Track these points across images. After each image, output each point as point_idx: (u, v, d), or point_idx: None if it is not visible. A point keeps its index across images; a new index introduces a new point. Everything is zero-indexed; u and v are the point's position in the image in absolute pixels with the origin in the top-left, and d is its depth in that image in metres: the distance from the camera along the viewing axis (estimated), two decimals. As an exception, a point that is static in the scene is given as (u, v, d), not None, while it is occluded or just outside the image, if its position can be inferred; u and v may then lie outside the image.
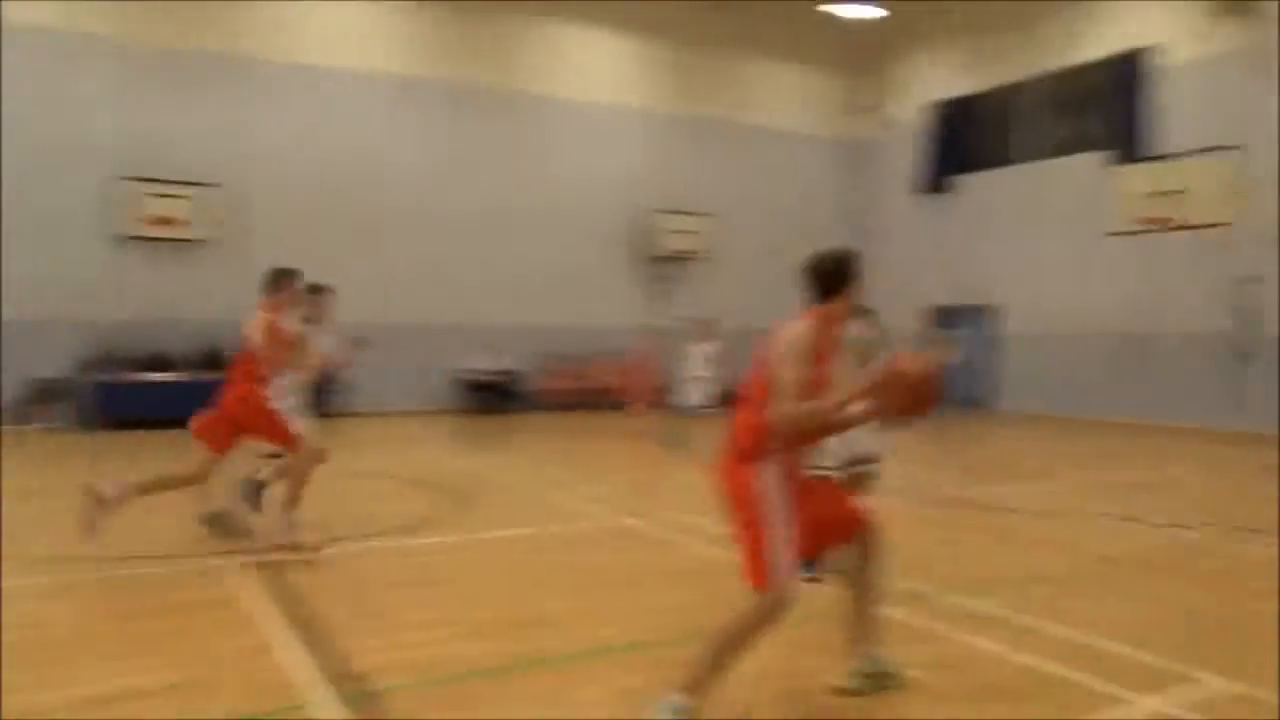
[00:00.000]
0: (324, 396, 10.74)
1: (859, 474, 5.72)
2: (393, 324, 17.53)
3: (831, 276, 3.85)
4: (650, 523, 7.51)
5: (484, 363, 17.68)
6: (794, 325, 3.73)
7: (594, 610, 5.17)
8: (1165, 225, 14.97)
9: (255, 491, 6.94)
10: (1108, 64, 17.56)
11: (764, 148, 21.72)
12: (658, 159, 20.44)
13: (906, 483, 9.40)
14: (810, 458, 4.27)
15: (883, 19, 21.80)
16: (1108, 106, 17.61)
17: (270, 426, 6.35)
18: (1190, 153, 14.85)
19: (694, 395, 12.78)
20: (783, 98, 22.16)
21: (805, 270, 3.89)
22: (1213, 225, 14.68)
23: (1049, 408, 18.16)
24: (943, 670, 4.23)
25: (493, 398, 17.88)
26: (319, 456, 6.61)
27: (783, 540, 3.56)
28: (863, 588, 3.95)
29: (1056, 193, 18.40)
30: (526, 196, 18.85)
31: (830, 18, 21.36)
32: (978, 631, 4.78)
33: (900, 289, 21.59)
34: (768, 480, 3.63)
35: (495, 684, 4.05)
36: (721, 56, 21.31)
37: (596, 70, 19.92)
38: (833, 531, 3.87)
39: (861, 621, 3.98)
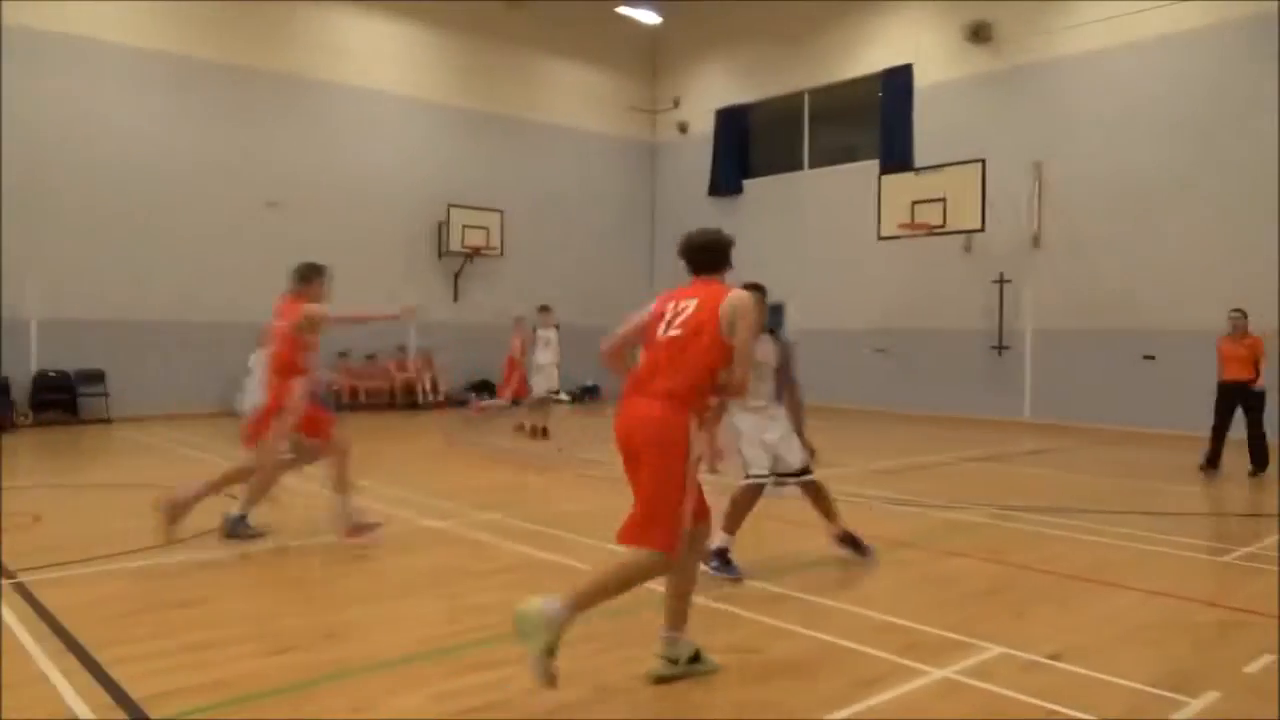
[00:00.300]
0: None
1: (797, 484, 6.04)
2: (167, 321, 16.33)
3: (726, 252, 4.15)
4: (456, 523, 7.37)
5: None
6: (738, 294, 3.95)
7: (402, 616, 5.01)
8: (928, 230, 16.35)
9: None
10: (875, 80, 18.95)
11: (557, 146, 21.81)
12: (450, 153, 20.06)
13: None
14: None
15: (676, 26, 22.50)
16: (877, 119, 19.00)
17: (317, 419, 6.67)
18: (947, 164, 16.29)
19: (543, 383, 13.19)
20: (576, 97, 22.33)
21: (701, 246, 4.15)
22: (968, 231, 16.27)
23: (829, 400, 19.36)
24: (745, 652, 4.42)
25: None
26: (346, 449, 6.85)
27: (689, 502, 3.69)
28: (684, 574, 4.06)
29: (834, 198, 19.65)
30: (313, 189, 17.98)
31: (624, 21, 21.79)
32: (775, 613, 5.03)
33: (692, 287, 22.25)
34: (697, 438, 3.72)
35: (300, 700, 3.84)
36: (515, 53, 21.20)
37: (387, 60, 19.27)
38: (698, 514, 4.01)
39: (678, 608, 4.09)
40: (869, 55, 19.20)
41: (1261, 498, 8.99)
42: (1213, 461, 10.60)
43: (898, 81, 18.55)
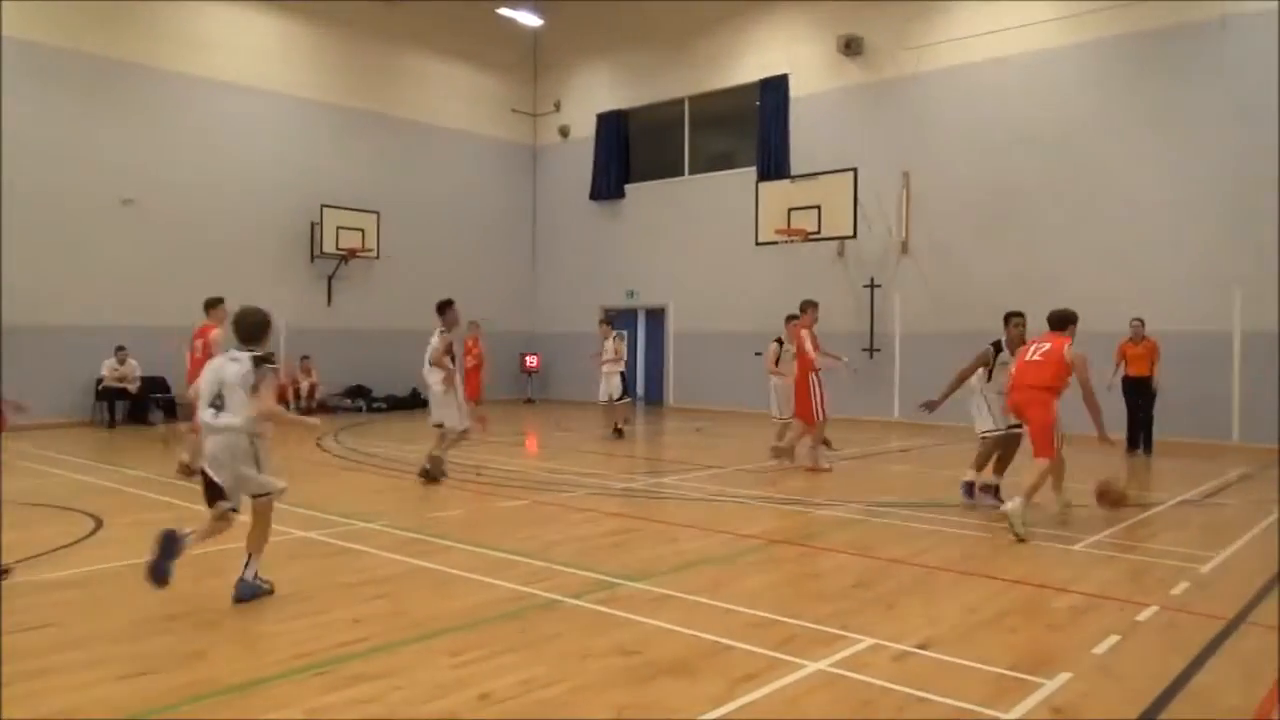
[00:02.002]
0: None
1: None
2: (15, 326, 15.27)
3: (1073, 316, 8.07)
4: (328, 533, 7.13)
5: (119, 369, 15.81)
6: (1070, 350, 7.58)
7: (271, 632, 4.81)
8: (804, 236, 16.80)
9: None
10: (753, 88, 19.38)
11: (437, 147, 21.46)
12: (325, 152, 19.47)
13: (583, 479, 9.73)
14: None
15: (557, 28, 22.47)
16: (755, 127, 19.42)
17: None
18: (822, 173, 16.79)
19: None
20: (456, 98, 22.02)
21: (1059, 317, 8.10)
22: (841, 237, 16.80)
23: (708, 402, 19.68)
24: (627, 654, 4.42)
25: (140, 408, 16.10)
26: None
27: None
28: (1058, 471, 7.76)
29: (714, 204, 19.97)
30: (174, 187, 17.12)
31: (506, 22, 21.62)
32: (655, 614, 5.06)
33: (573, 289, 22.35)
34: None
35: (159, 724, 3.63)
36: (394, 52, 20.76)
37: (256, 54, 18.53)
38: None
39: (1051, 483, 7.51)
40: (747, 65, 19.61)
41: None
42: (1134, 443, 12.74)
43: (775, 91, 19.01)
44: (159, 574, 5.06)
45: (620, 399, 14.65)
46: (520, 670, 4.16)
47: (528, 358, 22.74)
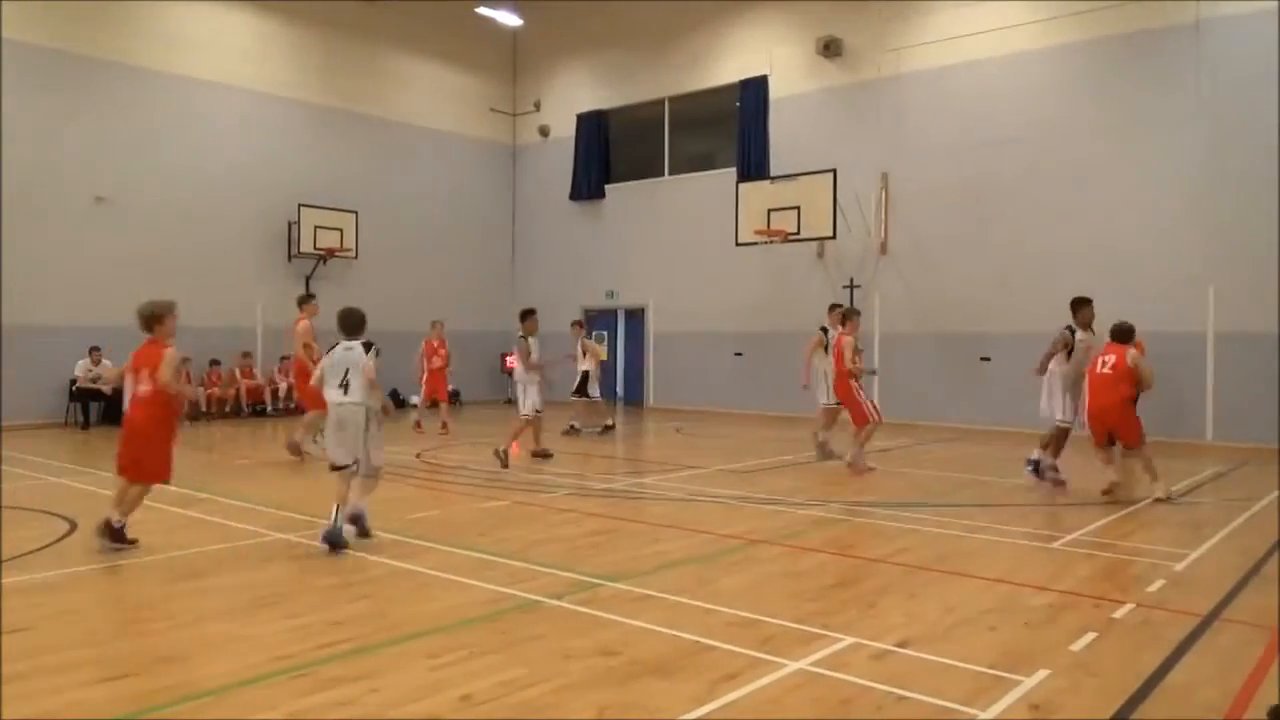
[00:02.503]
0: None
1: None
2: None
3: (1132, 329, 9.16)
4: (307, 535, 7.08)
5: (93, 369, 15.63)
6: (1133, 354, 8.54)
7: (248, 634, 4.76)
8: (784, 237, 16.85)
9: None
10: (733, 89, 19.42)
11: (416, 146, 21.37)
12: (303, 151, 19.35)
13: (563, 479, 9.71)
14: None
15: (537, 29, 22.42)
16: (734, 128, 19.46)
17: None
18: (801, 174, 16.85)
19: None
20: (436, 97, 21.94)
21: (1120, 331, 8.88)
22: (821, 238, 16.87)
23: (688, 402, 19.70)
24: (608, 655, 4.42)
25: (115, 409, 15.90)
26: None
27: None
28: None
29: (694, 205, 19.99)
30: (150, 186, 16.96)
31: (485, 22, 21.55)
32: (636, 614, 5.06)
33: (553, 290, 22.33)
34: None
35: (134, 729, 3.59)
36: (373, 51, 20.66)
37: (234, 52, 18.39)
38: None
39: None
40: (727, 66, 19.65)
41: (1085, 487, 9.67)
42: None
43: (754, 92, 19.06)
44: (335, 539, 6.46)
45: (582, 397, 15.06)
46: (501, 671, 4.14)
47: (508, 358, 22.63)
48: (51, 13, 15.82)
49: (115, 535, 6.51)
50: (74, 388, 15.59)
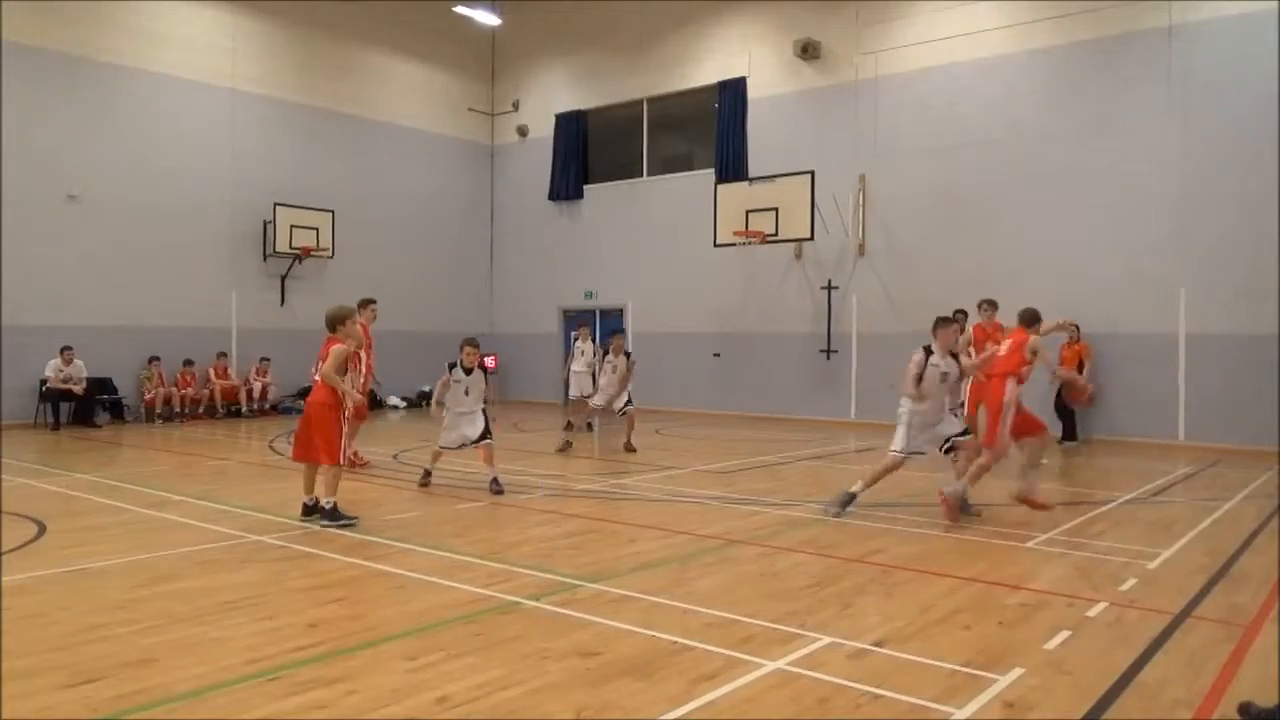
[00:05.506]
0: None
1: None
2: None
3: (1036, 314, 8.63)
4: (281, 536, 7.02)
5: (65, 369, 15.44)
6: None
7: (222, 637, 4.70)
8: (762, 239, 16.91)
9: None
10: (712, 91, 19.46)
11: (392, 145, 21.26)
12: (278, 149, 19.19)
13: (542, 480, 9.68)
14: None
15: (515, 28, 22.36)
16: (713, 129, 19.50)
17: None
18: (779, 175, 16.91)
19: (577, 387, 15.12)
20: (413, 96, 21.84)
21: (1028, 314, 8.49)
22: (799, 239, 16.94)
23: (666, 403, 19.71)
24: (585, 655, 4.41)
25: (86, 409, 15.72)
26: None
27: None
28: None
29: (672, 206, 20.02)
30: (122, 184, 16.76)
31: (463, 21, 21.48)
32: (614, 615, 5.05)
33: (531, 290, 22.27)
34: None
35: (105, 733, 3.54)
36: (349, 49, 20.53)
37: (208, 49, 18.20)
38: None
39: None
40: (706, 67, 19.68)
41: (1059, 487, 9.76)
42: (1069, 435, 13.96)
43: (733, 93, 19.10)
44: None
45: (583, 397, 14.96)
46: (478, 673, 4.13)
47: (485, 358, 22.57)
48: (21, 9, 15.60)
49: (329, 515, 7.32)
50: (44, 388, 15.38)
